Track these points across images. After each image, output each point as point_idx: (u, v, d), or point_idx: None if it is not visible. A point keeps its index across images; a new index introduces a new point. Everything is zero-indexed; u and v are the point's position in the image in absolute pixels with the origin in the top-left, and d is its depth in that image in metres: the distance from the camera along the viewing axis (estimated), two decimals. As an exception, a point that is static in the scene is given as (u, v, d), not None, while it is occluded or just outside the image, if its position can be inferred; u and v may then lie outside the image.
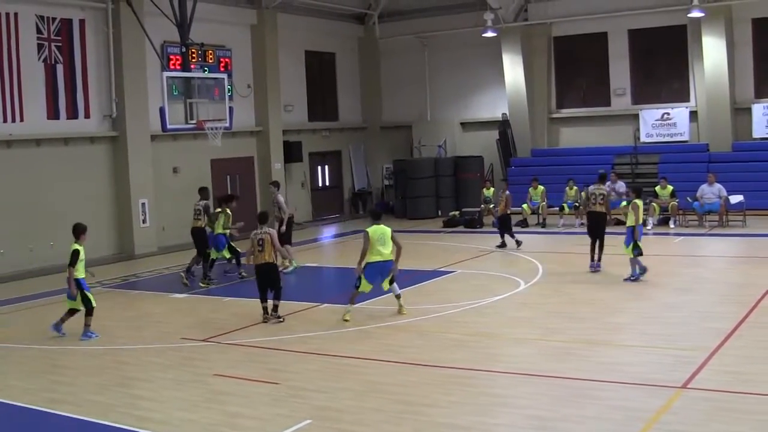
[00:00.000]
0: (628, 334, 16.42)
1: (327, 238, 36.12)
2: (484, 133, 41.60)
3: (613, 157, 37.78)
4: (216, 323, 19.02)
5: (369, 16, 44.10)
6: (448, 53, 42.46)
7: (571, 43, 39.99)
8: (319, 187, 42.84)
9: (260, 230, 18.93)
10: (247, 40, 37.63)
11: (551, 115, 40.68)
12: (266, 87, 37.68)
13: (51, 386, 14.53)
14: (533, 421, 11.58)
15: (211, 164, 35.35)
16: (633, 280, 21.56)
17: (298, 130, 40.66)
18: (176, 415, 12.50)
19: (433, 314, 18.74)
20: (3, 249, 27.38)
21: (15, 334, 18.89)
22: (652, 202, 31.97)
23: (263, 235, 18.79)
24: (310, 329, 17.79)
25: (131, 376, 15.00)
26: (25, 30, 28.43)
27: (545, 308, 19.10)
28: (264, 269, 18.91)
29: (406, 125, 43.66)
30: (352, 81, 44.79)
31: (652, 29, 37.85)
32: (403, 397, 12.81)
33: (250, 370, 14.89)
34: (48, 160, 29.05)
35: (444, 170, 40.23)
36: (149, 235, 31.82)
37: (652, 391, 12.51)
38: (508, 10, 39.12)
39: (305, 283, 25.73)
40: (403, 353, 15.51)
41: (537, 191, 34.26)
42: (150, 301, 22.71)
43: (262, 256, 18.78)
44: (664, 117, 37.51)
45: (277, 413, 12.35)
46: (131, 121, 31.16)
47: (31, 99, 28.60)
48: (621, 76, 38.85)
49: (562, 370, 13.89)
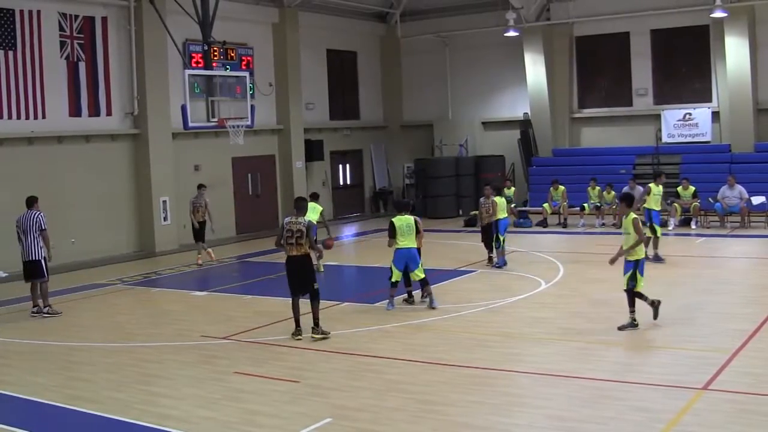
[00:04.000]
0: (649, 335, 16.31)
1: (348, 236, 36.09)
2: (506, 133, 41.49)
3: (635, 158, 37.60)
4: (236, 321, 19.02)
5: (391, 15, 44.07)
6: (470, 52, 42.39)
7: (593, 42, 39.83)
8: (340, 185, 42.86)
9: (295, 219, 17.00)
10: (269, 38, 37.65)
11: (573, 115, 40.53)
12: (288, 85, 37.69)
13: (70, 383, 14.54)
14: (553, 421, 11.52)
15: (233, 162, 35.40)
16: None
17: (320, 128, 40.69)
18: (196, 413, 12.49)
19: (453, 314, 18.70)
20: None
21: (35, 331, 18.91)
22: (674, 202, 31.87)
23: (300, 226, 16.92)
24: (331, 327, 17.72)
25: (150, 373, 15.01)
26: (48, 27, 28.53)
27: (565, 309, 19.04)
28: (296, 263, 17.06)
29: (428, 124, 43.63)
30: (373, 80, 44.78)
31: (675, 29, 37.65)
32: (422, 397, 12.77)
33: (270, 368, 14.88)
34: (69, 157, 29.14)
35: (465, 170, 40.18)
36: (170, 232, 31.87)
37: (673, 393, 12.44)
38: (530, 10, 39.01)
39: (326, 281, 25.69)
40: (423, 353, 15.48)
41: (558, 191, 34.19)
42: (170, 299, 22.74)
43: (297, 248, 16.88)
44: (686, 117, 37.32)
45: (297, 411, 12.32)
46: (153, 118, 31.22)
47: (53, 96, 28.69)
48: (643, 76, 38.68)
49: (582, 371, 13.83)
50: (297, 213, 17.16)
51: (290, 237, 16.81)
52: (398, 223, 19.38)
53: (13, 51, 27.53)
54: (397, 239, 19.36)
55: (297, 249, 16.84)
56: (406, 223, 19.40)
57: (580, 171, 36.47)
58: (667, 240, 29.77)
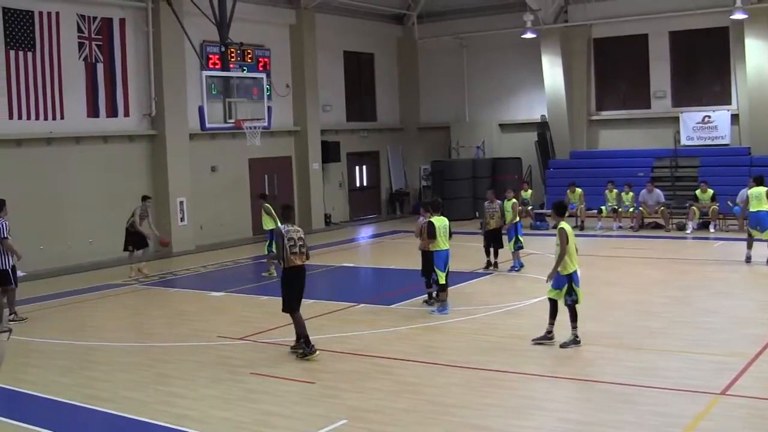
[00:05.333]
0: (666, 339, 16.27)
1: (364, 238, 36.13)
2: (523, 135, 41.47)
3: (653, 160, 37.46)
4: (253, 322, 19.03)
5: (408, 16, 44.09)
6: (487, 54, 42.35)
7: (611, 44, 39.73)
8: (357, 187, 42.88)
9: (292, 227, 16.10)
10: (286, 39, 37.69)
11: (590, 117, 40.43)
12: (305, 87, 37.73)
13: (87, 382, 14.59)
14: (568, 425, 11.51)
15: (249, 163, 35.45)
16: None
17: (336, 130, 40.72)
18: (212, 413, 12.52)
19: (469, 316, 18.69)
20: (42, 245, 27.53)
21: (53, 330, 18.96)
22: (692, 206, 31.79)
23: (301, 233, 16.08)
24: (346, 329, 17.77)
25: (167, 373, 15.04)
26: (66, 29, 28.62)
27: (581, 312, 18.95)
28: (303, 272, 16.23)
29: (445, 126, 43.61)
30: (390, 81, 44.78)
31: (694, 31, 37.49)
32: (436, 398, 12.77)
33: (286, 369, 14.89)
34: (87, 158, 29.23)
35: (482, 171, 40.10)
36: (187, 233, 31.93)
37: (690, 397, 12.41)
38: (547, 12, 38.94)
39: (342, 283, 25.72)
40: (438, 354, 15.47)
41: (575, 194, 34.10)
42: (187, 299, 22.77)
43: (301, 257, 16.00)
44: (705, 120, 37.15)
45: (313, 413, 12.34)
46: (170, 119, 31.31)
47: (72, 97, 28.78)
48: (661, 79, 38.55)
49: (598, 375, 13.81)
50: (288, 221, 16.35)
51: (293, 246, 15.73)
52: (438, 223, 19.13)
53: (31, 52, 27.63)
54: (437, 241, 19.06)
55: (301, 258, 15.92)
56: (444, 225, 19.20)
57: (597, 174, 36.31)
58: (685, 243, 29.77)
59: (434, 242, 19.08)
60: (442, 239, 19.08)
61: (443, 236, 19.12)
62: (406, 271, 25.53)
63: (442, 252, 19.12)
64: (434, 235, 19.04)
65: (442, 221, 19.28)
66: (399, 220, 41.10)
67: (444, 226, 19.20)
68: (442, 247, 19.11)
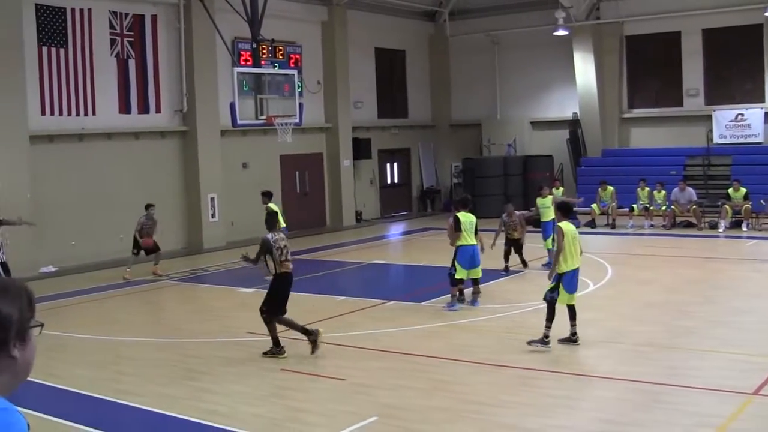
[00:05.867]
0: (699, 338, 16.16)
1: (395, 235, 36.10)
2: (555, 133, 41.32)
3: (685, 159, 37.25)
4: (282, 318, 19.00)
5: (439, 13, 44.02)
6: (519, 51, 42.21)
7: (644, 42, 39.53)
8: (388, 184, 42.86)
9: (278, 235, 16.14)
10: (318, 36, 37.69)
11: (622, 115, 40.23)
12: (336, 83, 37.73)
13: (117, 377, 14.63)
14: (601, 424, 11.43)
15: (280, 160, 35.47)
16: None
17: (368, 127, 40.70)
18: (242, 409, 12.51)
19: (498, 314, 18.62)
20: (74, 241, 27.65)
21: (83, 325, 19.02)
22: (725, 204, 31.60)
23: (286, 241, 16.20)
24: (377, 326, 17.75)
25: (196, 369, 15.05)
26: (98, 25, 28.72)
27: (613, 310, 18.89)
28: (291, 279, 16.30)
29: (476, 123, 43.52)
30: (421, 78, 44.71)
31: (727, 28, 37.19)
32: (468, 397, 12.71)
33: (317, 365, 14.87)
34: (119, 154, 29.34)
35: (513, 169, 40.00)
36: (218, 229, 31.99)
37: (723, 397, 12.30)
38: (579, 9, 38.78)
39: (373, 280, 25.71)
40: (468, 353, 15.40)
41: (606, 192, 33.97)
42: (217, 296, 22.80)
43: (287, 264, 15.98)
44: (738, 118, 36.90)
45: (343, 409, 12.31)
46: (201, 116, 31.35)
47: (103, 93, 28.88)
48: (694, 76, 38.30)
49: (630, 374, 13.70)
50: (272, 229, 16.29)
51: (281, 253, 15.76)
52: (464, 219, 19.22)
53: (64, 48, 27.73)
54: (462, 236, 19.16)
55: (288, 265, 15.95)
56: (470, 221, 19.28)
57: (629, 172, 36.11)
58: (717, 242, 29.59)
59: (459, 236, 19.16)
60: (467, 234, 19.13)
61: (469, 231, 19.16)
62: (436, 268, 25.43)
63: (468, 247, 19.16)
64: (459, 228, 19.12)
65: (469, 217, 19.35)
66: (430, 217, 41.05)
67: (470, 222, 19.26)
68: (466, 242, 19.16)
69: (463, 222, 19.15)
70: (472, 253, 19.22)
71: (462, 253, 19.14)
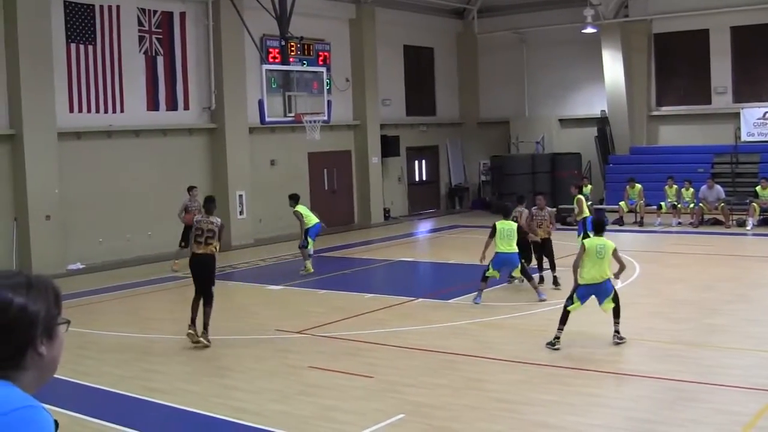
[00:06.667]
0: (729, 336, 16.05)
1: (423, 232, 36.06)
2: (583, 130, 41.15)
3: (713, 156, 37.05)
4: (311, 316, 18.97)
5: (468, 11, 43.93)
6: (547, 49, 42.09)
7: (672, 40, 39.30)
8: (416, 181, 42.83)
9: (206, 218, 16.91)
10: (346, 34, 37.70)
11: (650, 113, 40.05)
12: (364, 81, 37.73)
13: (145, 374, 14.62)
14: (633, 423, 11.35)
15: (309, 157, 35.48)
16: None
17: (396, 124, 40.66)
18: (270, 407, 12.48)
19: (527, 311, 18.53)
20: (101, 238, 27.74)
21: (111, 322, 19.05)
22: (753, 202, 31.42)
23: (214, 226, 16.76)
24: (405, 324, 17.73)
25: (225, 366, 15.06)
26: (127, 22, 28.77)
27: (642, 308, 18.77)
28: (201, 261, 16.90)
29: (504, 121, 43.40)
30: (450, 76, 44.66)
31: (756, 26, 36.86)
32: (498, 395, 12.65)
33: (345, 363, 14.82)
34: (147, 151, 29.38)
35: (541, 167, 39.90)
36: (246, 226, 32.01)
37: (754, 395, 12.21)
38: (608, 7, 38.63)
39: (401, 277, 25.69)
40: (498, 350, 15.35)
41: (634, 190, 33.84)
42: (245, 293, 22.82)
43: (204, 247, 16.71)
44: (766, 116, 36.71)
45: (372, 407, 12.27)
46: (230, 113, 31.39)
47: (132, 90, 28.94)
48: (722, 74, 38.07)
49: (661, 372, 13.61)
50: (206, 212, 17.18)
51: (200, 235, 16.66)
52: (500, 226, 19.46)
53: (92, 45, 27.79)
54: (497, 242, 19.36)
55: (204, 248, 16.67)
56: (508, 228, 19.47)
57: (657, 170, 35.93)
58: (745, 240, 29.45)
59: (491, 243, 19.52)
60: (502, 242, 19.34)
61: (505, 239, 19.35)
62: (464, 266, 25.42)
63: (502, 255, 19.41)
64: (493, 235, 19.44)
65: (508, 224, 19.57)
66: (458, 214, 41.02)
67: (509, 230, 19.44)
68: (501, 249, 19.38)
69: (499, 230, 19.42)
70: (507, 260, 19.53)
71: (496, 260, 19.46)
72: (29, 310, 3.25)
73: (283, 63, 28.27)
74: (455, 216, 40.38)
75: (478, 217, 38.88)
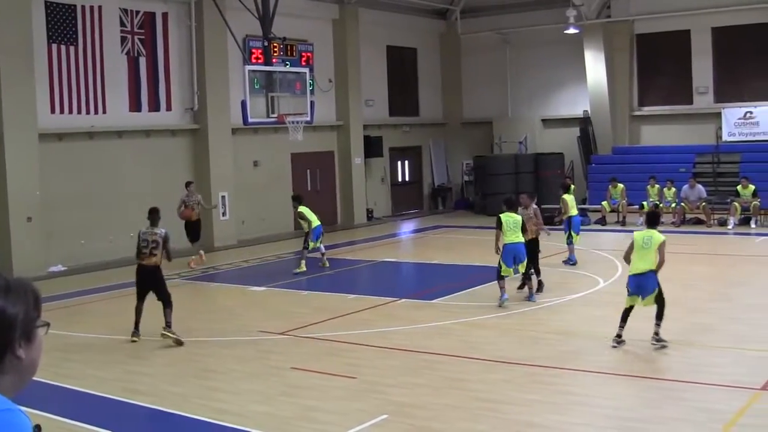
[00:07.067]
0: (711, 335, 16.09)
1: (406, 233, 36.06)
2: (565, 130, 41.25)
3: (695, 156, 37.23)
4: (294, 317, 18.96)
5: (451, 12, 43.94)
6: (530, 50, 42.15)
7: (654, 40, 39.41)
8: (399, 182, 42.84)
9: (150, 230, 17.42)
10: (329, 34, 37.68)
11: (633, 113, 40.15)
12: (347, 82, 37.72)
13: (127, 376, 14.60)
14: (615, 421, 11.38)
15: (292, 158, 35.44)
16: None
17: (379, 125, 40.65)
18: (253, 408, 12.48)
19: (511, 311, 18.56)
20: (84, 239, 27.66)
21: (93, 325, 19.00)
22: (734, 201, 31.55)
23: (157, 237, 17.25)
24: (388, 324, 17.73)
25: (208, 368, 15.04)
26: (109, 23, 28.69)
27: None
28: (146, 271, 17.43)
29: (487, 121, 43.45)
30: (433, 77, 44.69)
31: (736, 27, 37.02)
32: (481, 395, 12.67)
33: (328, 364, 14.82)
34: (129, 152, 29.30)
35: (524, 167, 39.92)
36: (229, 228, 31.96)
37: (735, 393, 12.27)
38: (590, 7, 38.72)
39: (384, 278, 25.70)
40: (481, 350, 15.38)
41: (617, 189, 33.96)
42: (228, 294, 22.81)
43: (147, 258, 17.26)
44: (747, 116, 36.84)
45: (354, 408, 12.27)
46: (212, 114, 31.32)
47: (114, 91, 28.85)
48: (704, 74, 38.20)
49: (643, 370, 13.68)
50: (151, 224, 17.55)
51: (145, 247, 17.19)
52: (504, 218, 19.29)
53: (74, 46, 27.71)
54: (504, 234, 19.19)
55: (149, 259, 17.20)
56: (513, 220, 19.35)
57: (639, 169, 36.06)
58: (727, 239, 29.55)
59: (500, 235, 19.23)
60: (509, 233, 19.14)
61: (512, 230, 19.19)
62: (448, 266, 25.51)
63: (510, 245, 19.09)
64: (500, 228, 19.22)
65: (512, 217, 19.40)
66: (441, 215, 41.06)
67: (513, 221, 19.31)
68: (509, 240, 19.11)
69: (505, 221, 19.24)
70: (515, 250, 19.19)
71: (506, 251, 19.16)
72: (7, 313, 3.24)
73: (266, 63, 28.24)
74: (438, 216, 40.40)
75: (462, 217, 38.99)
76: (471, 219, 37.65)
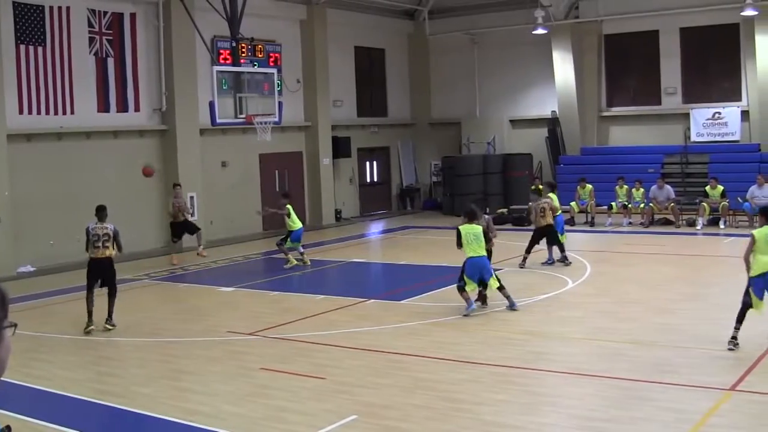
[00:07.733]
0: (679, 335, 16.17)
1: (375, 233, 36.10)
2: (534, 131, 41.36)
3: (663, 157, 37.40)
4: (263, 317, 19.01)
5: (419, 12, 44.00)
6: (498, 50, 42.25)
7: (622, 41, 39.60)
8: (367, 182, 42.84)
9: (100, 225, 18.79)
10: (297, 35, 37.67)
11: (601, 114, 40.33)
12: (315, 82, 37.71)
13: (98, 377, 14.62)
14: (581, 421, 11.48)
15: (260, 159, 35.43)
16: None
17: (347, 125, 40.67)
18: (224, 409, 12.51)
19: (479, 312, 18.61)
20: (53, 240, 27.56)
21: (62, 325, 18.96)
22: (702, 202, 31.74)
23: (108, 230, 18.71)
24: (357, 325, 17.79)
25: (178, 368, 15.04)
26: (77, 23, 28.59)
27: (593, 307, 18.97)
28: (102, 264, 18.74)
29: (455, 122, 43.55)
30: (401, 77, 44.74)
31: (704, 27, 37.26)
32: (450, 395, 12.75)
33: (297, 364, 14.87)
34: (97, 153, 29.21)
35: (492, 167, 40.02)
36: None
37: (703, 393, 12.38)
38: (558, 8, 38.84)
39: (353, 278, 25.74)
40: (449, 350, 15.45)
41: (585, 190, 34.09)
42: (197, 295, 22.76)
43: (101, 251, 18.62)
44: (715, 116, 37.04)
45: (324, 408, 12.33)
46: (181, 114, 31.28)
47: (82, 92, 28.76)
48: (672, 75, 38.40)
49: (610, 371, 13.76)
50: (99, 220, 18.76)
51: (97, 241, 18.50)
52: (464, 231, 18.52)
53: (42, 47, 27.61)
54: (464, 248, 18.45)
55: (102, 252, 18.52)
56: (473, 232, 18.51)
57: (607, 170, 36.26)
58: (695, 239, 29.74)
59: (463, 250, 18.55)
60: (470, 247, 18.41)
61: (472, 243, 18.41)
62: (416, 266, 25.58)
63: (474, 259, 18.33)
64: (460, 243, 18.56)
65: (473, 229, 18.61)
66: (409, 215, 41.12)
67: (474, 234, 18.49)
68: (472, 254, 18.38)
69: (464, 234, 18.48)
70: (480, 265, 18.42)
71: (469, 266, 18.42)
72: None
73: (234, 64, 28.23)
74: (407, 217, 40.47)
75: (430, 217, 39.07)
76: (439, 219, 37.73)
